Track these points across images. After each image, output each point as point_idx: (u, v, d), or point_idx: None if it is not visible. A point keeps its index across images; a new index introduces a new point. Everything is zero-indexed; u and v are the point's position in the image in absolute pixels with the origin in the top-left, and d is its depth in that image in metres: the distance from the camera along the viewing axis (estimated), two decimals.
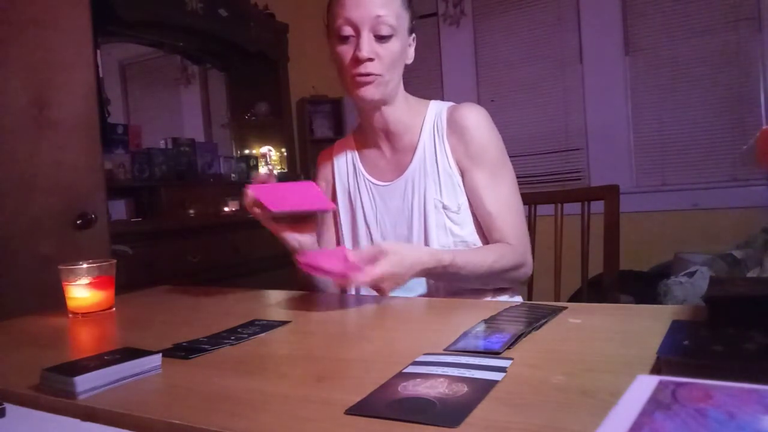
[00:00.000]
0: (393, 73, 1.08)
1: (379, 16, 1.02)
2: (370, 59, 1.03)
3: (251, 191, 1.00)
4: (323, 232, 1.23)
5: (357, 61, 1.04)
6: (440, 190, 1.10)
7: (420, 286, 1.11)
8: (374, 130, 1.16)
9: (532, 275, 1.47)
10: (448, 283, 1.08)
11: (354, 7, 1.03)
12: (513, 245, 1.07)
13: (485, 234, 1.11)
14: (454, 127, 1.11)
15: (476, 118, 1.11)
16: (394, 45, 1.05)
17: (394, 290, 0.96)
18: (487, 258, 1.02)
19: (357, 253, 0.94)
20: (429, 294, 1.10)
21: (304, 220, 1.06)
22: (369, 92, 1.06)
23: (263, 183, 1.03)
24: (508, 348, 0.63)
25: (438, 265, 0.98)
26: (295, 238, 1.04)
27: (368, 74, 1.04)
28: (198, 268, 2.49)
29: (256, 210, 1.01)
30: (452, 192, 1.10)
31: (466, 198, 1.11)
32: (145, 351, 0.66)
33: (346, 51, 1.05)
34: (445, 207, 1.10)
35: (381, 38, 1.04)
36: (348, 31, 1.04)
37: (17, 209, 1.62)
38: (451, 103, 1.16)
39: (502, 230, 1.08)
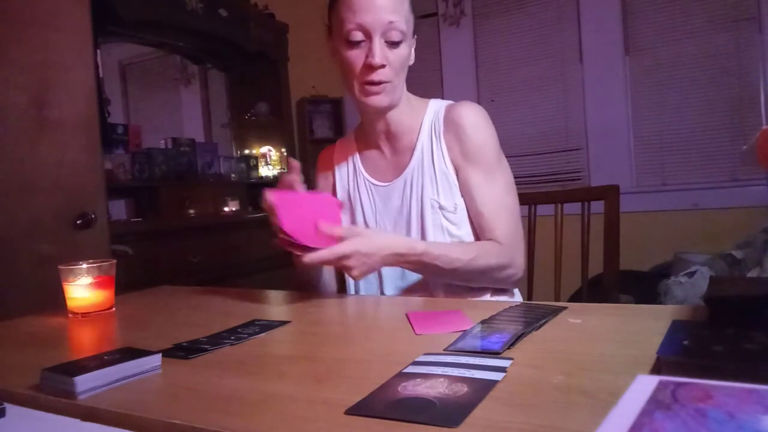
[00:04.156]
0: (401, 78, 1.08)
1: (391, 22, 1.01)
2: (382, 66, 1.03)
3: (271, 200, 0.94)
4: None
5: (369, 67, 1.03)
6: (437, 190, 1.10)
7: (418, 284, 1.11)
8: (376, 131, 1.16)
9: (531, 275, 1.47)
10: (428, 276, 1.07)
11: (366, 12, 1.01)
12: (502, 245, 1.05)
13: (478, 234, 1.11)
14: (450, 125, 1.11)
15: (473, 117, 1.10)
16: (403, 50, 1.05)
17: (364, 273, 0.96)
18: (467, 253, 1.01)
19: (330, 228, 0.95)
20: (428, 294, 1.10)
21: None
22: (378, 100, 1.06)
23: (287, 189, 0.99)
24: (508, 348, 0.63)
25: (411, 252, 0.98)
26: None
27: (380, 82, 1.04)
28: (198, 268, 2.49)
29: (274, 220, 0.96)
30: (449, 192, 1.10)
31: (462, 198, 1.11)
32: (145, 351, 0.66)
33: (356, 56, 1.04)
34: (441, 207, 1.10)
35: (392, 44, 1.03)
36: (359, 36, 1.02)
37: (17, 209, 1.61)
38: (449, 102, 1.16)
39: (493, 230, 1.07)
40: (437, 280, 1.08)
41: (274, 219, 0.96)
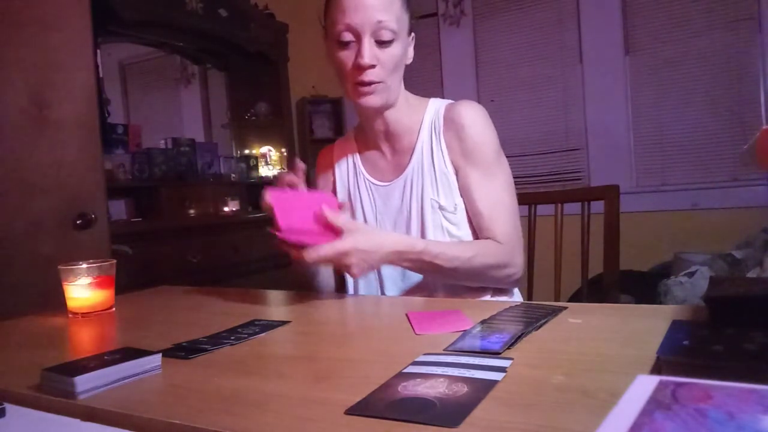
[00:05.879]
0: (394, 78, 1.07)
1: (380, 21, 1.01)
2: (372, 66, 1.02)
3: (269, 200, 0.95)
4: None
5: (359, 68, 1.02)
6: (437, 190, 1.10)
7: (419, 284, 1.11)
8: (375, 131, 1.15)
9: (531, 275, 1.47)
10: (427, 274, 1.07)
11: (354, 12, 1.00)
12: (501, 244, 1.05)
13: (477, 233, 1.10)
14: (450, 124, 1.11)
15: (472, 116, 1.10)
16: (395, 49, 1.05)
17: (364, 271, 0.95)
18: (466, 252, 1.01)
19: (332, 215, 0.94)
20: (428, 294, 1.10)
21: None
22: (371, 100, 1.06)
23: (286, 187, 1.00)
24: (508, 348, 0.63)
25: (410, 250, 0.97)
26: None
27: (370, 82, 1.04)
28: (198, 268, 2.49)
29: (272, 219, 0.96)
30: (448, 192, 1.10)
31: (461, 197, 1.11)
32: (145, 351, 0.66)
33: (346, 57, 1.04)
34: (441, 207, 1.09)
35: (382, 43, 1.03)
36: (348, 36, 1.02)
37: (17, 209, 1.61)
38: (449, 101, 1.16)
39: (492, 229, 1.07)
40: (437, 280, 1.08)
41: (272, 218, 0.96)
